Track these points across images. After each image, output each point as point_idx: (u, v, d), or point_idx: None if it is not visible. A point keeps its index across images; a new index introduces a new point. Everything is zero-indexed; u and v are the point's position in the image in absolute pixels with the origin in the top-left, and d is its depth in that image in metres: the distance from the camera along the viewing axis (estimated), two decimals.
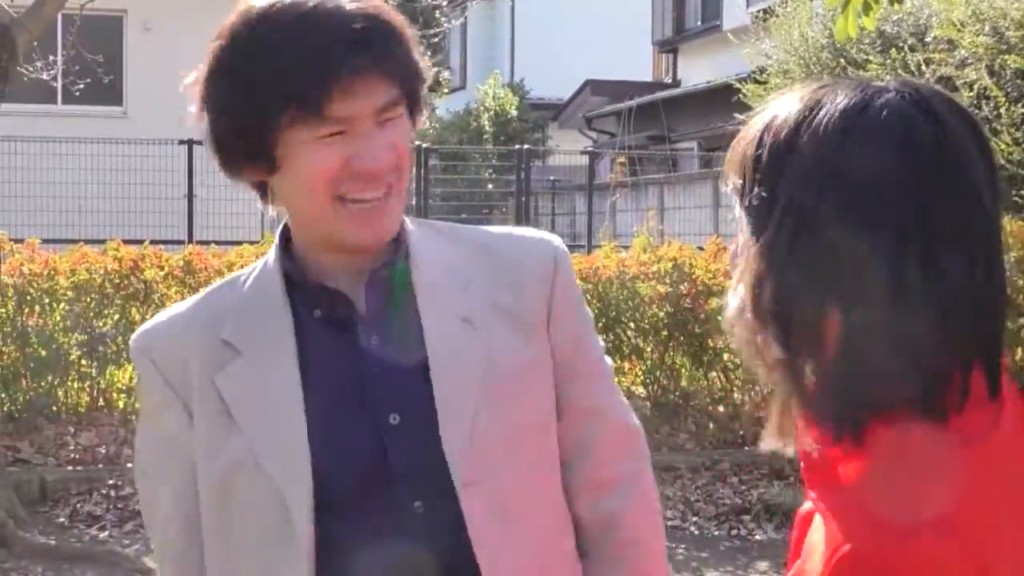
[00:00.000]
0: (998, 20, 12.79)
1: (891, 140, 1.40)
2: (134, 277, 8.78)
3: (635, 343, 9.46)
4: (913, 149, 1.39)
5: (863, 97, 1.43)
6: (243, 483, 1.91)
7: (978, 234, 1.40)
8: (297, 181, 1.88)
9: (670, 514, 8.35)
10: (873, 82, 1.46)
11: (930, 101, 1.44)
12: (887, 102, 1.42)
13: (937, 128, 1.41)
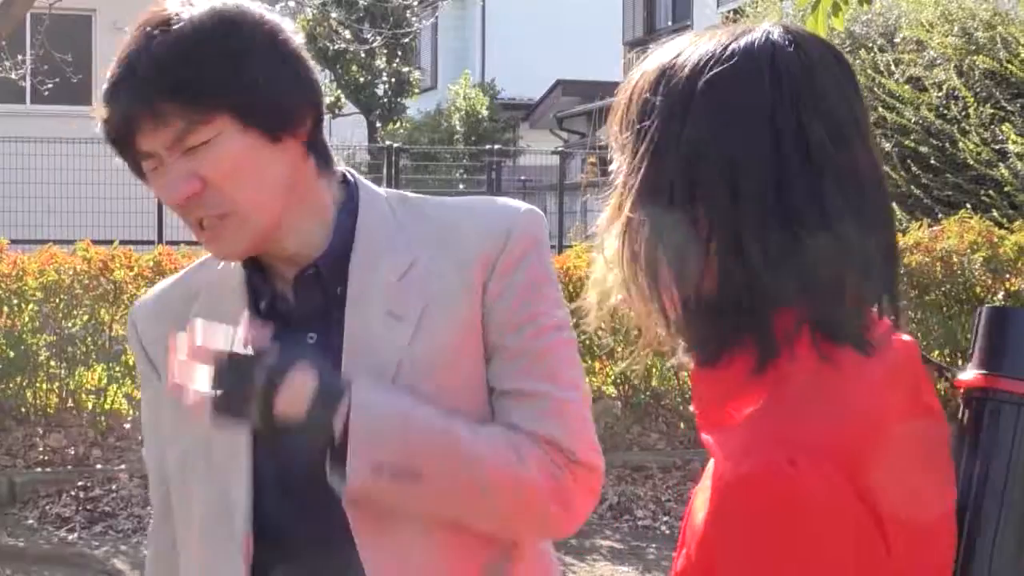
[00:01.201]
0: (967, 21, 12.86)
1: (756, 70, 1.42)
2: (103, 278, 8.73)
3: (606, 343, 9.46)
4: (777, 84, 1.41)
5: (730, 36, 1.48)
6: (194, 468, 1.96)
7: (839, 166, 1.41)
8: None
9: (641, 514, 8.36)
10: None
11: (795, 36, 1.47)
12: (752, 38, 1.46)
13: (802, 58, 1.44)
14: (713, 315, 1.42)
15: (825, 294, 1.40)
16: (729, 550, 1.36)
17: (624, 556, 7.67)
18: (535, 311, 1.94)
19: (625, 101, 1.50)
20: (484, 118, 29.03)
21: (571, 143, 26.99)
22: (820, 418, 1.37)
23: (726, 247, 1.39)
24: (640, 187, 1.45)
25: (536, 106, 29.52)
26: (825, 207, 1.39)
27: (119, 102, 1.85)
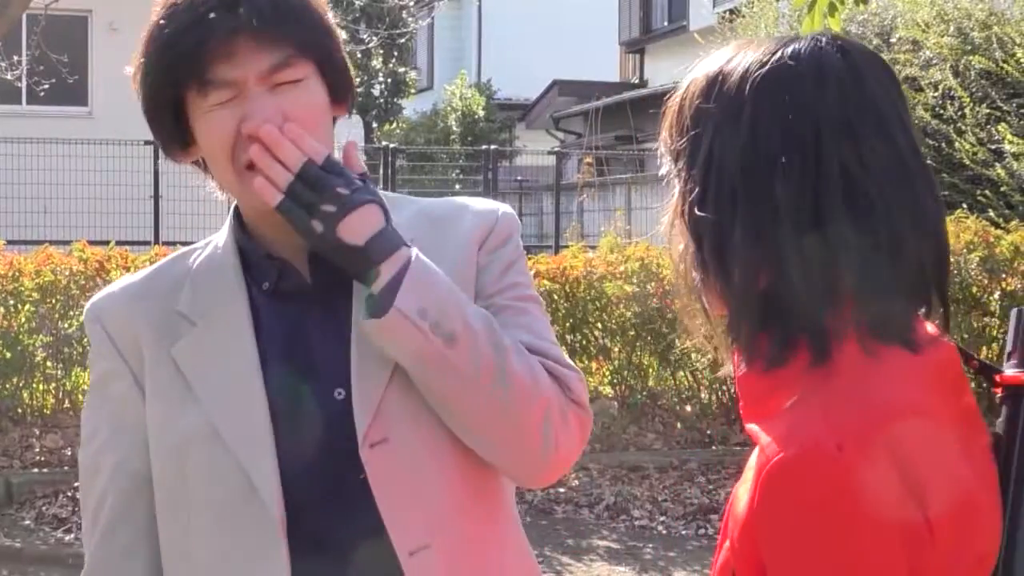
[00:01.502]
0: (962, 21, 12.88)
1: (803, 77, 1.46)
2: (100, 278, 8.72)
3: (602, 343, 9.47)
4: (825, 85, 1.45)
5: (777, 43, 1.51)
6: (200, 454, 1.91)
7: (891, 171, 1.45)
8: (204, 150, 1.94)
9: (638, 514, 8.37)
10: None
11: (842, 43, 1.50)
12: (799, 45, 1.49)
13: (849, 64, 1.47)
14: (768, 318, 1.45)
15: (877, 296, 1.43)
16: (774, 533, 1.38)
17: (621, 556, 7.67)
18: (516, 280, 2.03)
19: (676, 108, 1.54)
20: (480, 118, 29.01)
21: (567, 143, 26.98)
22: (867, 407, 1.39)
23: (778, 249, 1.43)
24: (697, 191, 1.49)
25: (532, 106, 29.50)
26: (877, 206, 1.42)
27: (215, 23, 1.85)
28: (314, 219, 1.83)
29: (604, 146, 24.47)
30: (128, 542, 1.98)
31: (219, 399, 1.92)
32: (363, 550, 1.90)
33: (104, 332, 2.01)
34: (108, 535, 2.00)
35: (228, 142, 1.89)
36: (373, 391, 1.90)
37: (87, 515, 2.04)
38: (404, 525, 1.89)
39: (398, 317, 1.82)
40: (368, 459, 1.88)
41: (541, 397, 1.91)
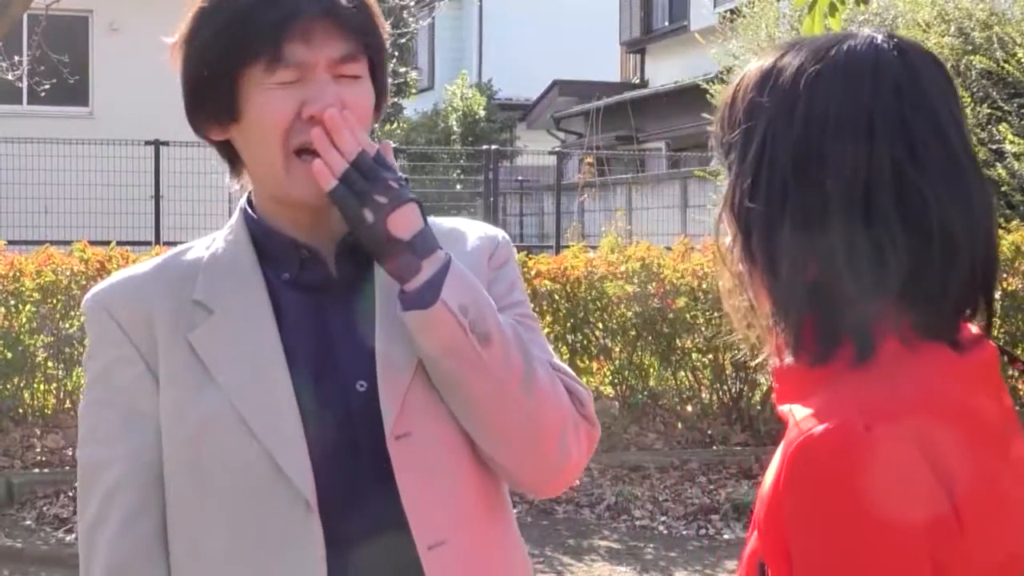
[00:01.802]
0: (963, 21, 12.87)
1: (860, 73, 1.46)
2: (101, 278, 8.70)
3: (603, 343, 9.46)
4: (880, 81, 1.46)
5: (833, 40, 1.51)
6: (220, 439, 1.89)
7: (945, 168, 1.45)
8: (254, 129, 1.92)
9: (639, 514, 8.37)
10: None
11: (899, 41, 1.50)
12: (856, 42, 1.50)
13: (905, 63, 1.47)
14: (814, 313, 1.45)
15: (927, 295, 1.44)
16: (798, 508, 1.38)
17: (622, 556, 7.67)
18: (520, 299, 2.07)
19: (728, 102, 1.55)
20: (481, 118, 29.02)
21: (568, 143, 26.98)
22: (902, 394, 1.40)
23: (827, 244, 1.43)
24: (749, 185, 1.49)
25: (533, 106, 29.49)
26: (930, 205, 1.43)
27: (302, 3, 1.87)
28: (365, 208, 1.85)
29: (605, 146, 24.47)
30: (150, 533, 1.94)
31: (240, 384, 1.91)
32: (381, 541, 1.90)
33: (112, 320, 1.97)
34: (128, 526, 1.94)
35: (285, 122, 1.89)
36: (399, 385, 1.91)
37: (89, 511, 1.97)
38: (425, 519, 1.90)
39: (443, 310, 1.84)
40: (394, 451, 1.89)
41: (561, 408, 1.95)
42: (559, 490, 2.10)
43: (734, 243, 1.52)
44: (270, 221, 1.99)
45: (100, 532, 1.96)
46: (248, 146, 1.96)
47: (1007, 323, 9.62)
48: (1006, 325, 9.62)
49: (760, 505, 1.46)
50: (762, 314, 1.52)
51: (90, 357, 2.02)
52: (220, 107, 1.93)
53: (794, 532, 1.39)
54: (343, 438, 1.91)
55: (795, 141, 1.46)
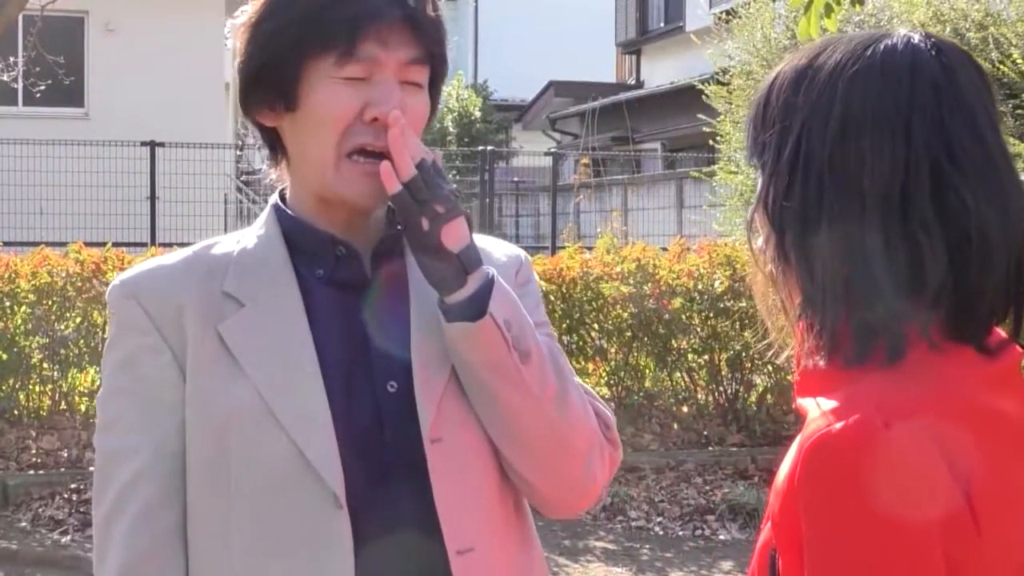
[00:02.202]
0: (959, 22, 12.88)
1: (897, 73, 1.45)
2: (96, 280, 8.72)
3: (599, 344, 9.46)
4: (918, 81, 1.45)
5: (869, 39, 1.50)
6: (247, 431, 1.87)
7: (982, 168, 1.44)
8: (310, 120, 1.92)
9: (634, 514, 8.37)
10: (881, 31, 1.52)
11: (936, 41, 1.49)
12: (893, 42, 1.49)
13: (942, 63, 1.46)
14: (850, 313, 1.44)
15: (963, 298, 1.43)
16: (813, 502, 1.38)
17: (617, 557, 7.67)
18: (543, 319, 2.07)
19: (762, 101, 1.54)
20: (477, 119, 29.04)
21: (564, 144, 26.99)
22: (923, 393, 1.40)
23: (863, 244, 1.42)
24: (785, 184, 1.48)
25: (529, 107, 29.51)
26: (968, 206, 1.42)
27: (384, 3, 1.88)
28: (424, 216, 1.85)
29: (601, 147, 24.47)
30: (168, 528, 1.90)
31: (270, 377, 1.88)
32: (406, 542, 1.89)
33: (140, 307, 1.93)
34: (146, 520, 1.90)
35: (346, 118, 1.90)
36: (435, 389, 1.91)
37: (106, 501, 1.92)
38: (457, 524, 1.89)
39: (490, 323, 1.85)
40: (430, 454, 1.89)
41: (590, 429, 1.97)
42: (581, 510, 2.10)
43: (767, 243, 1.52)
44: (307, 217, 1.98)
45: (116, 524, 1.92)
46: (298, 138, 1.95)
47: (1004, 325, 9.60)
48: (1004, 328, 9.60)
49: (775, 497, 1.46)
50: (794, 315, 1.51)
51: (113, 345, 1.97)
52: (279, 93, 1.93)
53: (807, 527, 1.38)
54: (372, 437, 1.90)
55: (832, 141, 1.45)
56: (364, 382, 1.93)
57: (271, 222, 2.01)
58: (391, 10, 1.88)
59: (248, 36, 1.94)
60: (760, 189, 1.53)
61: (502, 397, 1.90)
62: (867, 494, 1.34)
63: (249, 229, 2.04)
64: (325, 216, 1.97)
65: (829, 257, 1.44)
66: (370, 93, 1.89)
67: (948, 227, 1.42)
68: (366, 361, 1.94)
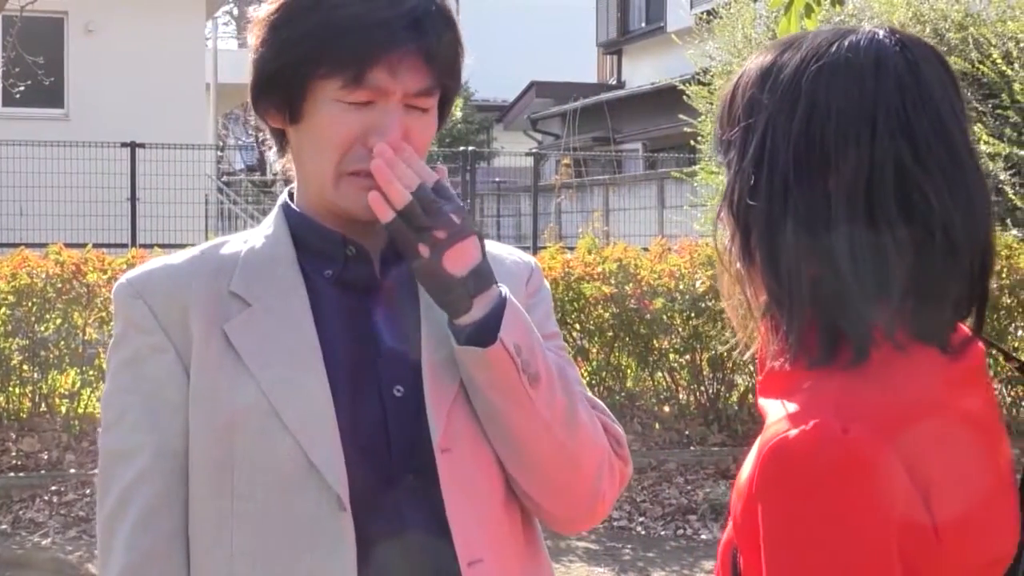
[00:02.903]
0: (938, 22, 12.92)
1: (861, 70, 1.44)
2: (76, 281, 8.70)
3: (580, 344, 9.46)
4: (883, 78, 1.44)
5: (834, 36, 1.50)
6: (251, 431, 1.86)
7: (946, 167, 1.43)
8: (312, 137, 1.91)
9: (616, 514, 8.37)
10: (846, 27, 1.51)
11: (900, 36, 1.49)
12: (857, 38, 1.48)
13: (907, 59, 1.46)
14: (815, 313, 1.44)
15: (929, 298, 1.43)
16: (771, 507, 1.38)
17: (599, 557, 7.67)
18: (553, 330, 2.08)
19: (728, 98, 1.53)
20: (458, 120, 29.00)
21: (545, 145, 27.00)
22: (884, 396, 1.39)
23: (829, 243, 1.42)
24: (748, 181, 1.47)
25: (510, 108, 29.51)
26: (933, 206, 1.41)
27: (398, 33, 1.86)
28: (422, 243, 1.82)
29: (582, 147, 24.49)
30: (170, 528, 1.89)
31: (275, 377, 1.88)
32: (411, 549, 1.88)
33: (146, 306, 1.93)
34: (149, 520, 1.89)
35: (346, 143, 1.89)
36: (445, 398, 1.90)
37: (110, 500, 1.92)
38: (467, 535, 1.88)
39: (500, 349, 1.83)
40: (441, 464, 1.88)
41: (599, 449, 1.97)
42: (587, 528, 2.10)
43: (732, 241, 1.51)
44: (316, 216, 1.98)
45: (119, 525, 1.91)
46: (301, 150, 1.95)
47: None
48: None
49: (736, 497, 1.46)
50: (760, 314, 1.51)
51: (118, 343, 1.97)
52: (286, 103, 1.92)
53: (765, 530, 1.38)
54: (377, 441, 1.89)
55: (796, 139, 1.44)
56: (371, 385, 1.92)
57: (279, 221, 2.00)
58: (405, 41, 1.86)
59: (263, 36, 1.93)
60: (726, 188, 1.52)
61: (509, 418, 1.89)
62: (823, 499, 1.34)
63: (258, 228, 2.04)
64: (332, 218, 1.96)
65: (794, 257, 1.43)
66: (374, 120, 1.88)
67: (913, 226, 1.41)
68: (373, 364, 1.93)
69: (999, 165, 11.71)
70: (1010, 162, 11.77)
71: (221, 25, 33.19)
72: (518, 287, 2.02)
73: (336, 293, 1.95)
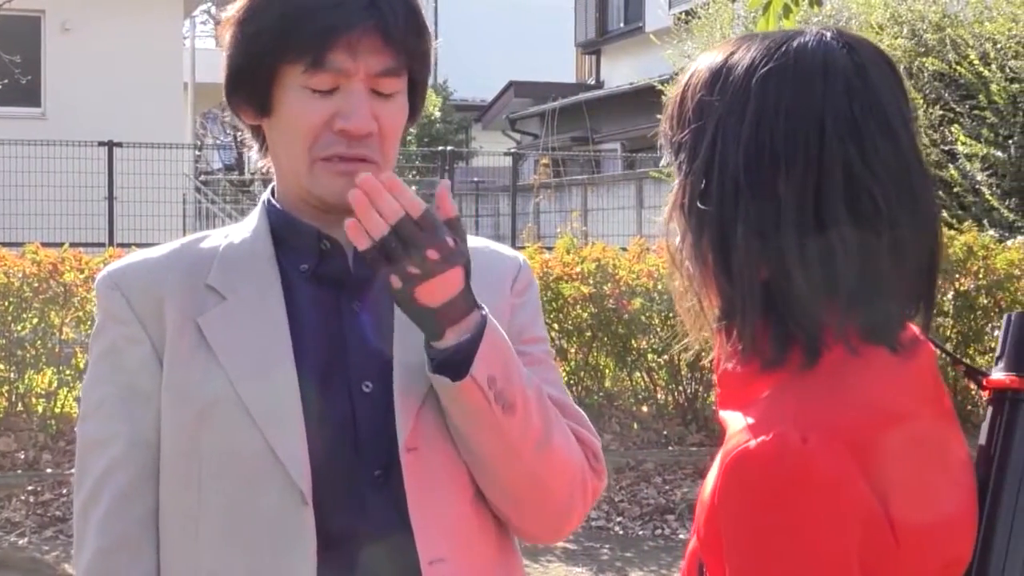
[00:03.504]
0: (916, 23, 12.96)
1: (810, 74, 1.45)
2: (53, 280, 8.67)
3: (559, 344, 9.46)
4: (831, 81, 1.44)
5: (783, 37, 1.50)
6: (220, 424, 1.88)
7: (894, 169, 1.44)
8: (282, 127, 1.94)
9: (594, 514, 8.37)
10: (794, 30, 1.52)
11: (848, 39, 1.49)
12: (806, 40, 1.48)
13: (855, 62, 1.46)
14: (768, 316, 1.44)
15: (876, 299, 1.43)
16: (733, 519, 1.38)
17: (577, 557, 7.68)
18: (540, 334, 2.08)
19: (678, 100, 1.53)
20: (437, 119, 29.01)
21: (524, 144, 27.01)
22: (840, 403, 1.40)
23: (780, 247, 1.42)
24: (699, 185, 1.47)
25: (489, 107, 29.52)
26: (880, 208, 1.42)
27: (353, 13, 1.87)
28: (394, 274, 1.79)
29: (560, 147, 24.50)
30: (142, 515, 1.92)
31: (245, 370, 1.89)
32: (375, 545, 1.88)
33: (123, 298, 1.96)
34: (121, 507, 1.93)
35: (314, 129, 1.90)
36: (414, 396, 1.91)
37: (85, 488, 1.96)
38: (429, 534, 1.89)
39: (472, 384, 1.82)
40: (405, 463, 1.88)
41: (572, 471, 1.97)
42: (554, 542, 2.11)
43: (683, 243, 1.51)
44: (293, 211, 1.99)
45: (92, 512, 1.95)
46: (275, 143, 1.97)
47: (959, 323, 9.68)
48: (958, 325, 9.68)
49: (700, 509, 1.46)
50: (712, 316, 1.51)
51: (97, 334, 2.00)
52: (255, 97, 1.94)
53: (727, 543, 1.39)
54: (344, 436, 1.90)
55: (746, 142, 1.44)
56: (340, 380, 1.93)
57: (260, 217, 2.02)
58: (363, 21, 1.87)
59: (230, 34, 1.95)
60: (676, 190, 1.52)
61: (478, 442, 1.89)
62: (783, 509, 1.35)
63: (240, 224, 2.06)
64: (309, 211, 1.97)
65: (746, 260, 1.43)
66: (339, 104, 1.89)
67: (861, 228, 1.41)
68: (344, 359, 1.93)
69: (976, 166, 11.76)
70: (987, 163, 11.82)
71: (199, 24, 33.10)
72: (502, 293, 2.02)
73: (311, 288, 1.97)
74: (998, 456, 1.47)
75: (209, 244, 2.02)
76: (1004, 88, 11.83)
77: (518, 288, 2.06)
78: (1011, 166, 11.74)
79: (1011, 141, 11.79)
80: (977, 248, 9.64)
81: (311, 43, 1.87)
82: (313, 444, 1.88)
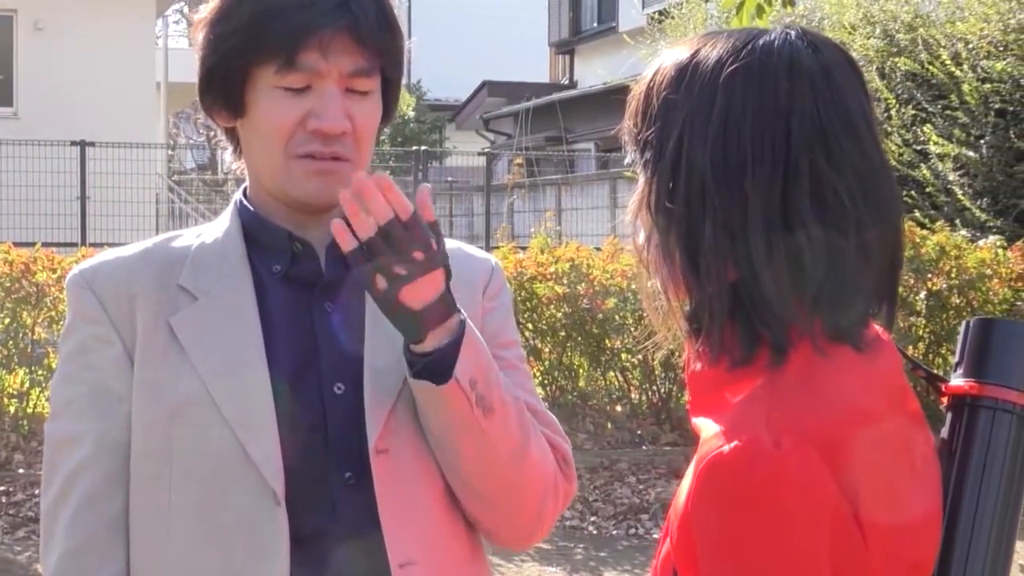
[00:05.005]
0: (888, 23, 13.01)
1: (775, 73, 1.45)
2: (25, 280, 8.63)
3: (533, 344, 9.47)
4: (796, 81, 1.45)
5: (748, 36, 1.50)
6: (191, 424, 1.88)
7: (858, 167, 1.45)
8: (256, 127, 1.94)
9: (568, 514, 8.37)
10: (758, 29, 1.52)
11: (812, 38, 1.50)
12: (771, 39, 1.49)
13: (820, 61, 1.47)
14: (735, 316, 1.45)
15: (842, 297, 1.43)
16: (706, 526, 1.39)
17: (551, 557, 7.68)
18: (512, 338, 2.08)
19: (643, 96, 1.52)
20: (410, 119, 28.99)
21: (498, 144, 27.01)
22: (810, 406, 1.40)
23: (747, 247, 1.42)
24: (666, 184, 1.47)
25: (462, 107, 29.51)
26: (846, 207, 1.43)
27: (323, 13, 1.87)
28: (379, 275, 1.79)
29: (534, 147, 24.50)
30: (111, 515, 1.91)
31: (217, 371, 1.89)
32: (349, 550, 1.88)
33: (94, 297, 1.95)
34: (90, 507, 1.92)
35: (288, 128, 1.90)
36: (385, 400, 1.90)
37: (54, 487, 1.94)
38: (399, 537, 1.88)
39: (455, 387, 1.82)
40: (375, 465, 1.88)
41: (546, 478, 1.97)
42: (525, 547, 2.12)
43: (648, 243, 1.51)
44: (266, 213, 1.99)
45: (61, 511, 1.93)
46: (249, 144, 1.97)
47: (932, 322, 9.71)
48: (931, 324, 9.72)
49: (674, 514, 1.46)
50: (680, 316, 1.51)
51: (68, 332, 1.99)
52: (228, 98, 1.94)
53: (700, 548, 1.40)
54: (316, 437, 1.90)
55: (713, 142, 1.44)
56: (311, 381, 1.92)
57: (233, 217, 2.01)
58: (334, 20, 1.87)
59: (202, 36, 1.95)
60: (642, 189, 1.52)
61: (454, 444, 1.89)
62: (756, 514, 1.35)
63: (212, 223, 2.05)
64: (282, 212, 1.97)
65: (713, 259, 1.44)
66: (312, 103, 1.89)
67: (828, 228, 1.42)
68: (316, 360, 1.93)
69: (948, 166, 11.80)
70: (959, 163, 11.87)
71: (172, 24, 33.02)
72: (474, 297, 2.02)
73: (284, 288, 1.96)
74: (957, 463, 1.48)
75: (181, 244, 2.01)
76: (976, 88, 11.88)
77: (490, 292, 2.06)
78: (983, 166, 11.80)
79: (983, 141, 11.84)
80: (949, 248, 9.67)
81: (283, 43, 1.87)
82: (285, 445, 1.87)
